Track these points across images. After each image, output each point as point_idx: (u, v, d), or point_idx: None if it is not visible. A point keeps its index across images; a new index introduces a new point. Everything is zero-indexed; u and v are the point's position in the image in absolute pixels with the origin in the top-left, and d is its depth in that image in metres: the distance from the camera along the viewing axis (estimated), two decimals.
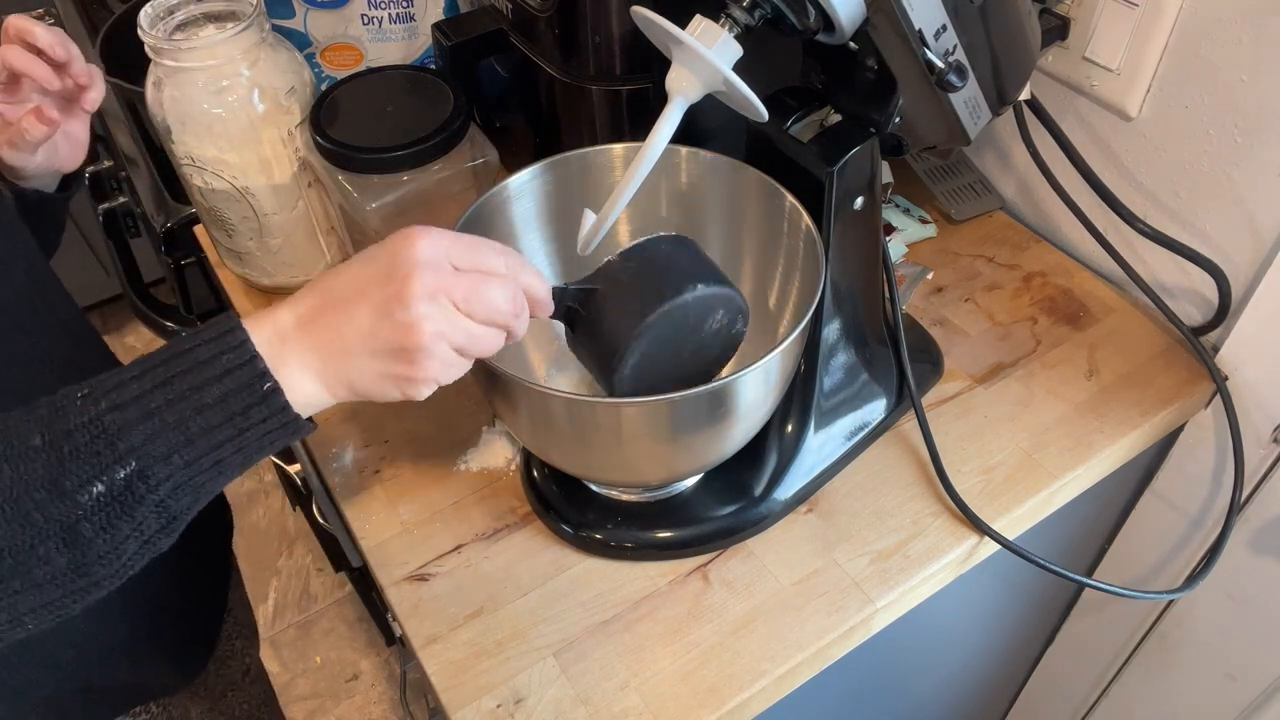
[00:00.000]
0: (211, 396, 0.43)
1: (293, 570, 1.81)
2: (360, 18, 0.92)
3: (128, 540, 0.44)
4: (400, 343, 0.45)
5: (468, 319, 0.46)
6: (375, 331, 0.45)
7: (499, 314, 0.47)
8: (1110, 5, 0.74)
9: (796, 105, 0.63)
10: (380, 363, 0.46)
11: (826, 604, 0.65)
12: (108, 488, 0.42)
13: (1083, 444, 0.73)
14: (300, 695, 1.65)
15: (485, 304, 0.46)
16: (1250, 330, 0.74)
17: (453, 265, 0.46)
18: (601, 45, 0.74)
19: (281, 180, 0.79)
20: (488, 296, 0.46)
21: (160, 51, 0.72)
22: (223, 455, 0.44)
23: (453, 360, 0.47)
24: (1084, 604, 1.04)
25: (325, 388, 0.46)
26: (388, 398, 0.47)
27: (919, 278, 0.86)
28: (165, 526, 0.45)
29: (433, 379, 0.47)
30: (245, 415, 0.44)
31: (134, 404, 0.43)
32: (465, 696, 0.61)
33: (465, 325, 0.46)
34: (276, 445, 0.46)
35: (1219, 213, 0.75)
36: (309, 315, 0.46)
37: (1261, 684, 0.87)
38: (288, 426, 0.46)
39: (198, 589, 0.83)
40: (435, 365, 0.46)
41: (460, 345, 0.47)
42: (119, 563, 0.44)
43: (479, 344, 0.47)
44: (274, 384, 0.44)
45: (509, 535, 0.69)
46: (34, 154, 0.67)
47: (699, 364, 0.59)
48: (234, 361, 0.44)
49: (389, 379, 0.46)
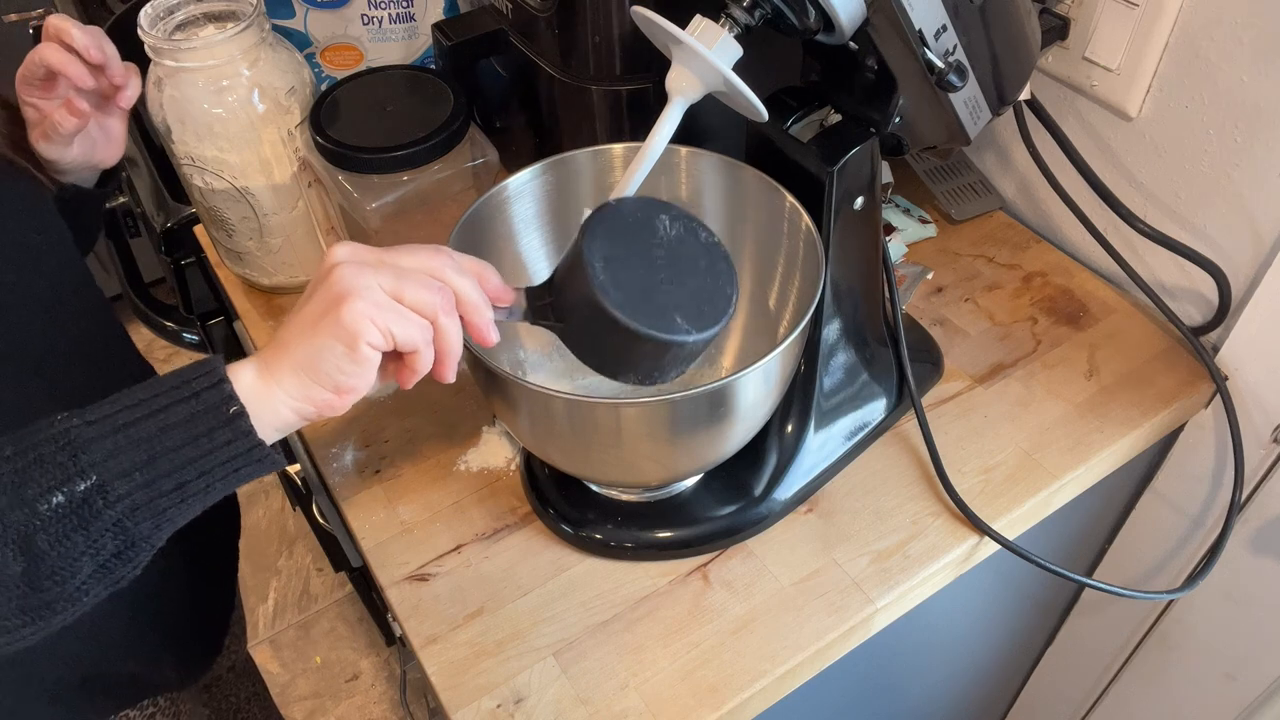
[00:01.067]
0: (178, 416, 0.44)
1: (293, 570, 1.81)
2: (360, 18, 0.92)
3: (82, 557, 0.44)
4: (328, 299, 0.45)
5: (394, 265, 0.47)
6: (309, 309, 0.46)
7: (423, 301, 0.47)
8: (1110, 5, 0.74)
9: (796, 105, 0.63)
10: (312, 320, 0.46)
11: (826, 604, 0.65)
12: (67, 499, 0.43)
13: (1083, 444, 0.73)
14: (300, 695, 1.65)
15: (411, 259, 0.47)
16: (1250, 330, 0.74)
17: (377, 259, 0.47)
18: (601, 45, 0.74)
19: (281, 180, 0.79)
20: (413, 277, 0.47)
21: (160, 51, 0.72)
22: (185, 478, 0.45)
23: (384, 302, 0.46)
24: (1084, 604, 1.04)
25: (275, 382, 0.46)
26: (331, 359, 0.46)
27: (919, 278, 0.86)
28: (122, 551, 0.45)
29: (364, 315, 0.45)
30: (210, 437, 0.44)
31: (103, 420, 0.44)
32: (465, 696, 0.61)
33: (390, 269, 0.46)
34: (242, 474, 0.46)
35: (1219, 213, 0.75)
36: (269, 344, 0.48)
37: (1261, 684, 0.87)
38: (253, 453, 0.46)
39: (206, 585, 0.83)
40: (362, 305, 0.45)
41: (392, 287, 0.46)
42: (73, 583, 0.45)
43: (411, 281, 0.46)
44: (240, 408, 0.45)
45: (509, 535, 0.69)
46: (69, 146, 0.68)
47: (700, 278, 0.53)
48: (203, 384, 0.45)
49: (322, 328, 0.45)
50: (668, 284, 0.51)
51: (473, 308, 0.49)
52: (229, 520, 0.90)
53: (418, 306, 0.46)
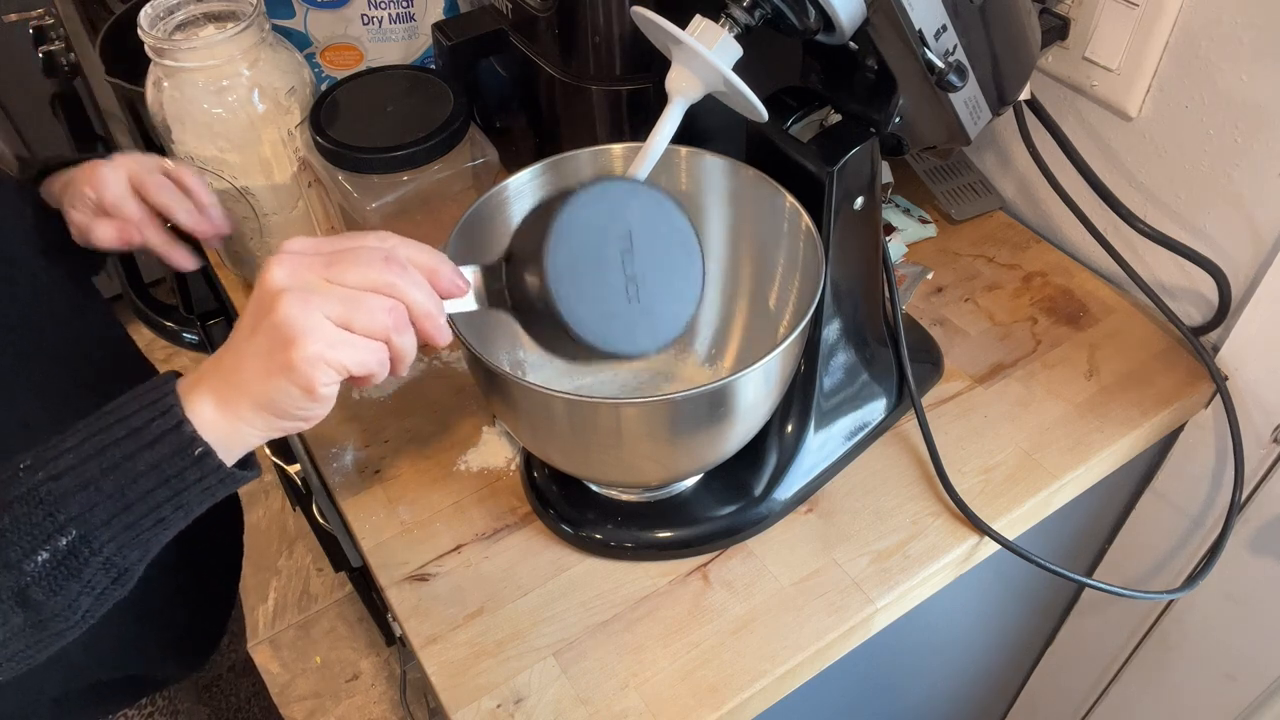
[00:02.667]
0: (144, 464, 0.44)
1: (293, 570, 1.81)
2: (360, 18, 0.92)
3: (80, 597, 0.45)
4: (276, 339, 0.43)
5: (339, 286, 0.44)
6: (257, 343, 0.44)
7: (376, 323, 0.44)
8: (1110, 5, 0.74)
9: (796, 105, 0.63)
10: (263, 360, 0.44)
11: (826, 604, 0.65)
12: (51, 554, 0.43)
13: (1083, 444, 0.73)
14: (300, 695, 1.65)
15: (356, 274, 0.44)
16: (1250, 330, 0.74)
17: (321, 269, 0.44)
18: (601, 45, 0.74)
19: (281, 180, 0.79)
20: (356, 272, 0.44)
21: (160, 51, 0.72)
22: (163, 514, 0.45)
23: (336, 338, 0.43)
24: (1084, 604, 1.04)
25: (237, 418, 0.45)
26: (289, 401, 0.44)
27: (919, 278, 0.86)
28: (117, 579, 0.46)
29: (318, 358, 0.43)
30: (180, 477, 0.44)
31: (69, 474, 0.43)
32: (465, 696, 0.61)
33: (337, 294, 0.43)
34: (218, 496, 0.47)
35: (1219, 213, 0.75)
36: (212, 362, 0.46)
37: (1261, 684, 0.87)
38: (225, 482, 0.46)
39: (207, 585, 0.83)
40: (315, 348, 0.43)
41: (340, 315, 0.43)
42: (75, 616, 0.46)
43: (360, 306, 0.44)
44: (205, 448, 0.44)
45: (509, 535, 0.69)
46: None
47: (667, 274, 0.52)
48: (164, 427, 0.44)
49: (275, 372, 0.44)
50: (632, 285, 0.50)
51: (425, 317, 0.46)
52: (231, 520, 0.90)
53: (370, 332, 0.44)
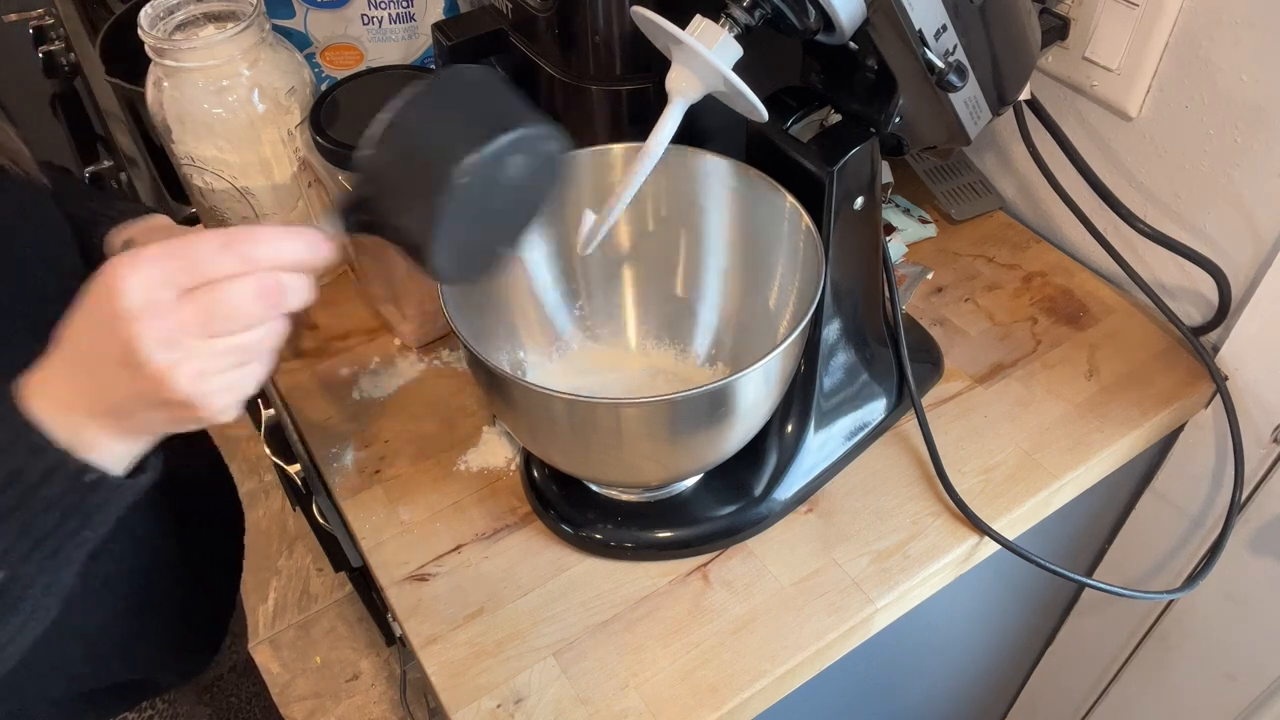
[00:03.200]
0: (42, 502, 0.43)
1: (293, 570, 1.81)
2: (360, 18, 0.92)
3: (28, 622, 0.46)
4: (165, 396, 0.41)
5: (224, 338, 0.41)
6: (136, 389, 0.41)
7: (251, 317, 0.41)
8: (1110, 5, 0.74)
9: (796, 105, 0.63)
10: (163, 412, 0.42)
11: (826, 604, 0.65)
12: None
13: (1083, 444, 0.73)
14: (300, 695, 1.65)
15: (231, 317, 0.40)
16: (1250, 330, 0.74)
17: (177, 290, 0.40)
18: (601, 45, 0.74)
19: (281, 180, 0.79)
20: (229, 308, 0.40)
21: (160, 51, 0.72)
22: (84, 536, 0.45)
23: (236, 382, 0.42)
24: (1084, 604, 1.04)
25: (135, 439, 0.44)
26: (189, 424, 0.43)
27: (919, 278, 0.86)
28: (59, 593, 0.46)
29: (229, 406, 0.42)
30: (83, 502, 0.44)
31: None
32: (465, 696, 0.61)
33: (224, 344, 0.41)
34: (129, 502, 0.46)
35: (1219, 213, 0.75)
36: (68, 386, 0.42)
37: (1261, 684, 0.87)
38: (125, 491, 0.46)
39: (207, 586, 0.83)
40: (219, 397, 0.42)
41: (233, 364, 0.42)
42: (26, 633, 0.46)
43: (253, 349, 0.42)
44: (97, 475, 0.43)
45: (509, 535, 0.69)
46: None
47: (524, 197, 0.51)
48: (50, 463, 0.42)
49: (186, 421, 0.43)
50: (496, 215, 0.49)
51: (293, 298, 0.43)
52: (231, 521, 0.90)
53: (239, 335, 0.42)
